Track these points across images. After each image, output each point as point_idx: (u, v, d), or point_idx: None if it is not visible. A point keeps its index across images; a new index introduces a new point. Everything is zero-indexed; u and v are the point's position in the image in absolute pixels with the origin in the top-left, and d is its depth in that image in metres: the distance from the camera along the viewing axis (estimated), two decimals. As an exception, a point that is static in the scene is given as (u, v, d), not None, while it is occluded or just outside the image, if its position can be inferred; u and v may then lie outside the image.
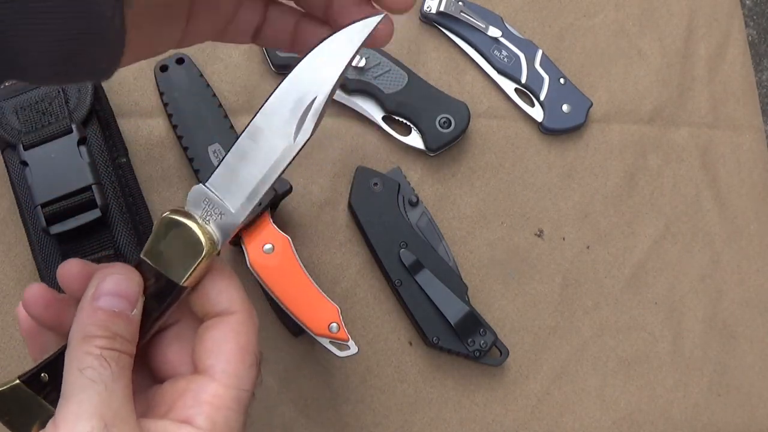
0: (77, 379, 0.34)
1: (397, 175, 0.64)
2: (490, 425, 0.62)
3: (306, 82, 0.36)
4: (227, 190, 0.37)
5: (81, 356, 0.34)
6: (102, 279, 0.36)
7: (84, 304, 0.36)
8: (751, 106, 0.72)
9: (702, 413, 0.65)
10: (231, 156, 0.37)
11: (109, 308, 0.35)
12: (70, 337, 0.36)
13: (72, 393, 0.34)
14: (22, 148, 0.56)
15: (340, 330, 0.57)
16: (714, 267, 0.68)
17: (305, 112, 0.36)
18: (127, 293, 0.36)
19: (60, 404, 0.34)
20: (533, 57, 0.68)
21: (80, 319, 0.36)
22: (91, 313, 0.35)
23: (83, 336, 0.35)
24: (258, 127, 0.36)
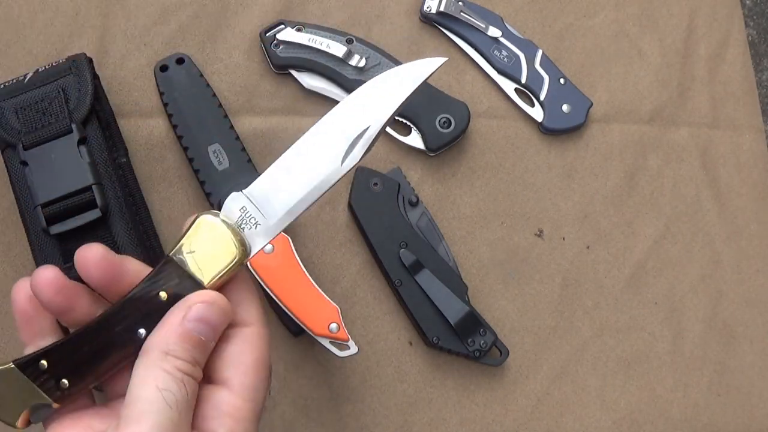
0: (155, 398, 0.33)
1: (397, 175, 0.64)
2: (490, 425, 0.62)
3: (363, 108, 0.36)
4: (267, 202, 0.37)
5: (162, 374, 0.34)
6: (197, 302, 0.35)
7: (174, 319, 0.35)
8: (751, 106, 0.72)
9: (702, 413, 0.65)
10: (275, 168, 0.37)
11: (197, 334, 0.35)
12: (148, 346, 0.35)
13: (148, 412, 0.33)
14: (22, 148, 0.56)
15: (340, 330, 0.57)
16: (714, 267, 0.68)
17: (357, 139, 0.36)
18: (216, 324, 0.36)
19: (129, 417, 0.33)
20: (533, 57, 0.68)
21: (165, 334, 0.35)
22: (180, 331, 0.35)
23: (165, 351, 0.35)
24: (307, 146, 0.36)
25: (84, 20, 0.64)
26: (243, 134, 0.63)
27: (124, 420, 0.33)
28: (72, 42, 0.64)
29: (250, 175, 0.60)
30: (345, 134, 0.36)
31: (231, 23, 0.66)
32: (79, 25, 0.64)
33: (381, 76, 0.36)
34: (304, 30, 0.65)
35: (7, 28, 0.63)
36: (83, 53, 0.60)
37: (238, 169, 0.61)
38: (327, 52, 0.64)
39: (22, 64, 0.63)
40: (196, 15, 0.66)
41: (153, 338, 0.35)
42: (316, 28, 0.65)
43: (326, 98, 0.65)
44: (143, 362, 0.35)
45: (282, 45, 0.64)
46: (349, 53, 0.64)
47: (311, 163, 0.36)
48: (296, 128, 0.65)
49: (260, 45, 0.65)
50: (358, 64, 0.64)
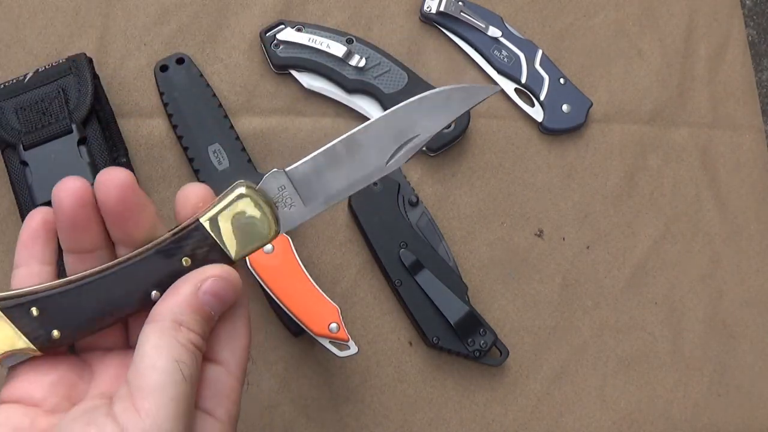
0: (173, 369, 0.32)
1: (397, 175, 0.64)
2: (490, 425, 0.62)
3: (416, 117, 0.37)
4: (307, 186, 0.37)
5: (176, 345, 0.33)
6: (213, 275, 0.35)
7: (186, 289, 0.35)
8: (751, 106, 0.72)
9: (702, 413, 0.65)
10: (322, 156, 0.37)
11: (209, 308, 0.35)
12: (160, 313, 0.34)
13: (167, 383, 0.32)
14: (22, 148, 0.56)
15: (340, 330, 0.57)
16: (714, 267, 0.68)
17: (406, 143, 0.37)
18: (227, 301, 0.36)
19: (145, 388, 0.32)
20: (533, 57, 0.68)
21: (178, 303, 0.34)
22: (194, 303, 0.34)
23: (179, 322, 0.34)
24: (357, 139, 0.37)
25: (84, 20, 0.64)
26: (243, 134, 0.63)
27: (139, 390, 0.32)
28: (72, 42, 0.64)
29: (251, 175, 0.60)
30: (395, 137, 0.37)
31: (231, 23, 0.66)
32: (79, 25, 0.64)
33: (438, 91, 0.38)
34: (304, 30, 0.65)
35: (7, 28, 0.63)
36: (83, 53, 0.60)
37: (238, 169, 0.61)
38: (327, 52, 0.64)
39: (22, 64, 0.63)
40: (196, 15, 0.66)
41: (164, 305, 0.34)
42: (316, 28, 0.65)
43: (326, 98, 0.65)
44: (156, 330, 0.34)
45: (282, 45, 0.64)
46: (349, 53, 0.64)
47: (358, 156, 0.37)
48: (296, 128, 0.65)
49: (260, 45, 0.65)
50: (358, 64, 0.64)
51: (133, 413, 0.31)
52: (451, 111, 0.38)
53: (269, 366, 0.60)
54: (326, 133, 0.65)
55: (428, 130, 0.38)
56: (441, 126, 0.38)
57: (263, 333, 0.61)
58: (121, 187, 0.35)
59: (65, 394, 0.35)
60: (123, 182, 0.35)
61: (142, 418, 0.31)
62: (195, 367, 0.34)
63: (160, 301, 0.35)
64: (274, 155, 0.64)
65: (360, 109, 0.65)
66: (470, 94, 0.38)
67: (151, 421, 0.31)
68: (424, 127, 0.38)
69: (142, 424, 0.31)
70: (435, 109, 0.38)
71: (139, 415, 0.31)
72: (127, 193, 0.35)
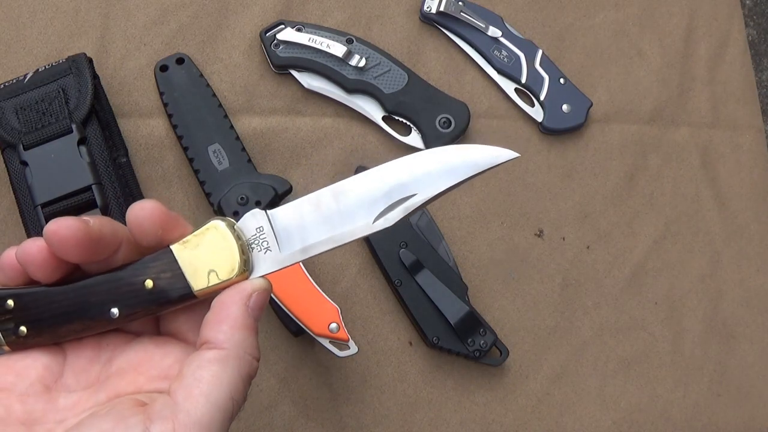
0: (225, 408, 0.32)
1: (397, 175, 0.64)
2: (490, 425, 0.62)
3: (415, 175, 0.34)
4: (286, 232, 0.35)
5: (237, 380, 0.32)
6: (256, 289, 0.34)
7: (238, 309, 0.33)
8: (751, 106, 0.72)
9: (702, 413, 0.65)
10: (307, 201, 0.35)
11: (257, 326, 0.34)
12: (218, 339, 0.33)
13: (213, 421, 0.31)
14: (22, 148, 0.56)
15: (340, 330, 0.57)
16: (714, 267, 0.68)
17: (399, 202, 0.34)
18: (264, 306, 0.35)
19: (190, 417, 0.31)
20: (533, 57, 0.68)
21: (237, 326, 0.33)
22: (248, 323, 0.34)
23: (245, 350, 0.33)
24: (346, 190, 0.34)
25: (84, 20, 0.64)
26: (243, 134, 0.63)
27: (186, 415, 0.31)
28: (72, 42, 0.64)
29: (250, 175, 0.60)
30: (387, 194, 0.34)
31: (231, 23, 0.66)
32: (79, 25, 0.64)
33: (450, 150, 0.34)
34: (304, 30, 0.65)
35: (7, 28, 0.63)
36: (83, 53, 0.60)
37: (238, 169, 0.61)
38: (327, 52, 0.64)
39: (22, 64, 0.63)
40: (196, 15, 0.66)
41: (222, 333, 0.33)
42: (316, 28, 0.65)
43: (326, 98, 0.65)
44: (218, 359, 0.32)
45: (282, 45, 0.64)
46: (349, 53, 0.64)
47: (344, 209, 0.34)
48: (296, 128, 0.65)
49: (260, 45, 0.65)
50: (358, 64, 0.64)
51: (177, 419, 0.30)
52: (457, 174, 0.34)
53: (269, 366, 0.60)
54: (326, 133, 0.65)
55: (427, 192, 0.34)
56: (442, 189, 0.33)
57: (263, 333, 0.61)
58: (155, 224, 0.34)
59: (38, 375, 0.34)
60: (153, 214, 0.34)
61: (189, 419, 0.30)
62: (242, 404, 0.33)
63: (214, 326, 0.33)
64: (274, 155, 0.64)
65: (360, 109, 0.65)
66: (482, 158, 0.33)
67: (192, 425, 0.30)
68: (424, 188, 0.34)
69: None
70: (439, 168, 0.34)
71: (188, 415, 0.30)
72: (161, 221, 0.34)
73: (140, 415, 0.31)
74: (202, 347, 0.33)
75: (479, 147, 0.33)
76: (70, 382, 0.35)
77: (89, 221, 0.33)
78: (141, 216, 0.34)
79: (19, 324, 0.34)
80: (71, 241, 0.32)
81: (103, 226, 0.33)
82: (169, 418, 0.30)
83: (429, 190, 0.33)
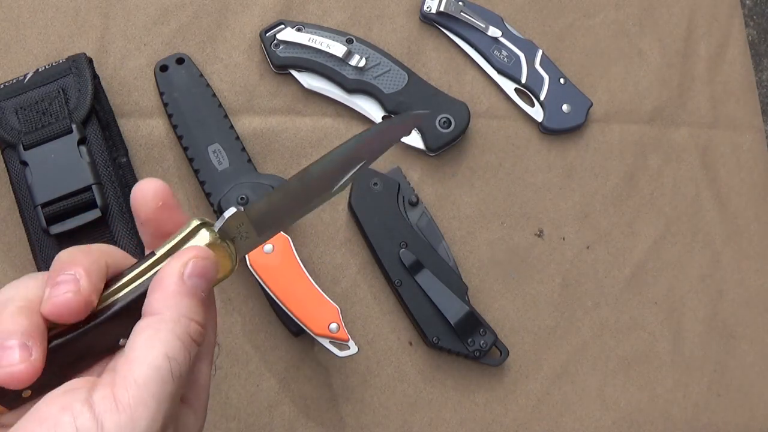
0: (161, 366, 0.31)
1: (397, 175, 0.64)
2: (490, 425, 0.62)
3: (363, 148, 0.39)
4: (262, 220, 0.38)
5: (173, 340, 0.32)
6: (192, 256, 0.34)
7: (172, 278, 0.34)
8: (751, 106, 0.72)
9: (702, 413, 0.65)
10: (279, 192, 0.39)
11: (200, 290, 0.34)
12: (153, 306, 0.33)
13: (153, 380, 0.31)
14: (22, 148, 0.56)
15: (340, 330, 0.57)
16: (714, 267, 0.68)
17: (349, 170, 0.39)
18: (211, 280, 0.35)
19: (130, 379, 0.31)
20: (533, 57, 0.68)
21: (171, 293, 0.33)
22: (184, 290, 0.34)
23: (180, 314, 0.33)
24: (310, 172, 0.39)
25: (84, 20, 0.64)
26: (243, 134, 0.63)
27: (122, 380, 0.31)
28: (72, 42, 0.64)
29: (250, 175, 0.60)
30: (344, 165, 0.39)
31: (231, 23, 0.66)
32: (79, 25, 0.64)
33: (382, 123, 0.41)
34: (304, 30, 0.65)
35: (7, 28, 0.63)
36: (83, 53, 0.60)
37: (238, 169, 0.61)
38: (327, 52, 0.64)
39: (22, 64, 0.63)
40: (196, 15, 0.66)
41: (155, 299, 0.33)
42: (316, 28, 0.65)
43: (326, 98, 0.65)
44: (153, 323, 0.33)
45: (282, 45, 0.64)
46: (349, 53, 0.64)
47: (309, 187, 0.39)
48: (296, 128, 0.65)
49: (260, 45, 0.65)
50: (358, 64, 0.64)
51: (111, 404, 0.30)
52: (389, 138, 0.40)
53: (269, 366, 0.60)
54: (326, 133, 0.65)
55: (369, 158, 0.39)
56: (380, 154, 0.40)
57: (263, 333, 0.61)
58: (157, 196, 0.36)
59: None
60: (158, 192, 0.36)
61: (119, 412, 0.30)
62: (186, 366, 0.33)
63: (148, 296, 0.34)
64: (274, 155, 0.64)
65: (360, 109, 0.65)
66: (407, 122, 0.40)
67: (127, 416, 0.30)
68: (366, 155, 0.39)
69: (117, 418, 0.30)
70: (379, 136, 0.39)
71: (116, 407, 0.30)
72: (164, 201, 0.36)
73: (86, 384, 0.32)
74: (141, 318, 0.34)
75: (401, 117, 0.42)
76: None
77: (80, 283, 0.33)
78: (146, 188, 0.36)
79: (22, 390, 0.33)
80: (74, 314, 0.33)
81: (92, 276, 0.33)
82: (109, 383, 0.31)
83: (369, 158, 0.39)
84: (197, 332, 0.34)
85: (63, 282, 0.33)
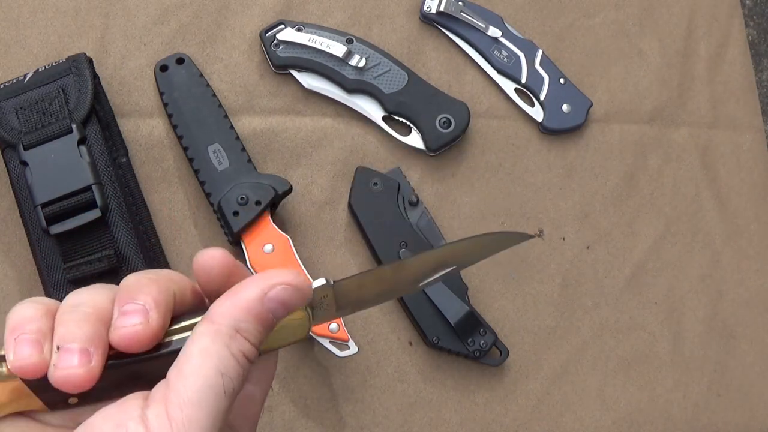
0: (216, 384, 0.30)
1: (397, 175, 0.64)
2: (490, 425, 0.62)
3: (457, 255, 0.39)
4: (345, 298, 0.37)
5: (227, 356, 0.31)
6: (282, 283, 0.33)
7: (251, 294, 0.32)
8: (751, 106, 0.72)
9: (702, 413, 0.65)
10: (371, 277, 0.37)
11: (273, 317, 0.33)
12: (216, 315, 0.32)
13: (203, 398, 0.30)
14: (22, 148, 0.56)
15: (340, 330, 0.57)
16: (714, 267, 0.68)
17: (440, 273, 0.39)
18: (293, 310, 0.34)
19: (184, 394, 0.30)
20: (533, 57, 0.68)
21: (241, 306, 0.32)
22: (258, 310, 0.32)
23: (237, 329, 0.32)
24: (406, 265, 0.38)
25: (84, 20, 0.64)
26: (243, 134, 0.63)
27: (176, 395, 0.30)
28: (72, 42, 0.64)
29: (250, 175, 0.60)
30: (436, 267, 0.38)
31: (231, 23, 0.66)
32: (79, 25, 0.64)
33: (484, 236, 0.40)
34: (304, 30, 0.65)
35: (7, 28, 0.63)
36: (83, 53, 0.60)
37: (238, 169, 0.61)
38: (327, 52, 0.64)
39: (22, 64, 0.63)
40: (196, 15, 0.66)
41: (223, 306, 0.32)
42: (316, 28, 0.65)
43: (326, 98, 0.65)
44: (209, 332, 0.32)
45: (282, 45, 0.64)
46: (349, 53, 0.64)
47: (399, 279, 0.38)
48: (296, 128, 0.65)
49: (260, 45, 0.65)
50: (358, 64, 0.64)
51: (165, 422, 0.29)
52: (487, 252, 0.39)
53: (269, 366, 0.60)
54: (326, 133, 0.65)
55: (462, 265, 0.39)
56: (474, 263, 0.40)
57: (263, 333, 0.61)
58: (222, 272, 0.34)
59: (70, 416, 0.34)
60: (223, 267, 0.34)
61: (173, 429, 0.29)
62: (239, 383, 0.32)
63: (219, 300, 0.33)
64: (274, 155, 0.64)
65: (360, 109, 0.65)
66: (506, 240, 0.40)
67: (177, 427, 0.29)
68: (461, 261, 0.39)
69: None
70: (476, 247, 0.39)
71: (170, 426, 0.29)
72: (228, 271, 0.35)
73: (140, 399, 0.31)
74: (201, 319, 0.33)
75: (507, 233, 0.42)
76: None
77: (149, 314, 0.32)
78: (210, 264, 0.34)
79: (69, 395, 0.33)
80: (141, 344, 0.32)
81: (160, 307, 0.33)
82: (162, 399, 0.30)
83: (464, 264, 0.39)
84: (251, 353, 0.33)
85: (132, 312, 0.32)
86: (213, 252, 0.34)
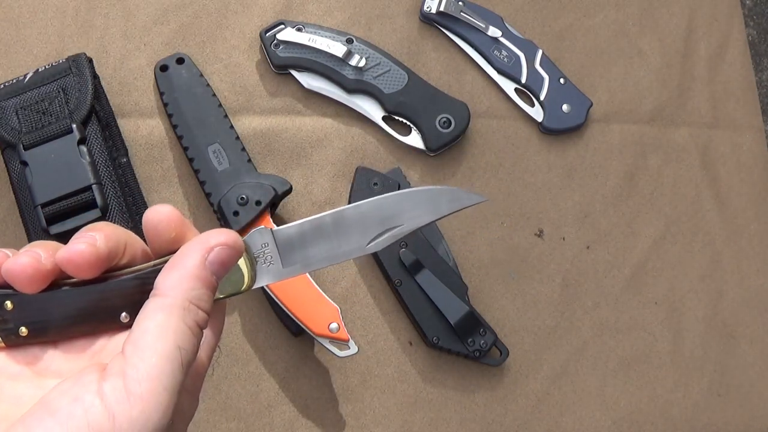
0: (173, 357, 0.31)
1: (397, 175, 0.64)
2: (490, 425, 0.62)
3: (405, 209, 0.39)
4: (289, 249, 0.38)
5: (183, 329, 0.32)
6: (219, 244, 0.34)
7: (193, 260, 0.33)
8: (751, 106, 0.72)
9: (702, 413, 0.65)
10: (309, 224, 0.38)
11: (216, 278, 0.34)
12: (166, 289, 0.33)
13: (162, 372, 0.30)
14: (22, 148, 0.56)
15: (340, 330, 0.57)
16: (714, 267, 0.68)
17: (387, 230, 0.39)
18: (230, 268, 0.35)
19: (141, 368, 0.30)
20: (533, 57, 0.68)
21: (189, 276, 0.33)
22: (203, 275, 0.33)
23: (189, 299, 0.33)
24: (346, 217, 0.39)
25: (84, 20, 0.64)
26: (243, 134, 0.63)
27: (134, 370, 0.30)
28: (72, 42, 0.64)
29: (250, 175, 0.60)
30: (380, 222, 0.39)
31: (231, 23, 0.66)
32: (79, 25, 0.64)
33: (429, 189, 0.39)
34: (304, 30, 0.65)
35: (7, 28, 0.63)
36: (83, 53, 0.60)
37: (238, 169, 0.61)
38: (327, 52, 0.64)
39: (22, 64, 0.63)
40: (196, 15, 0.66)
41: (170, 278, 0.33)
42: (316, 28, 0.65)
43: (326, 98, 0.65)
44: (164, 307, 0.32)
45: (282, 45, 0.64)
46: (349, 53, 0.64)
47: (342, 234, 0.39)
48: (296, 128, 0.65)
49: (260, 45, 0.65)
50: (358, 64, 0.64)
51: (122, 396, 0.30)
52: (438, 211, 0.39)
53: (269, 366, 0.60)
54: (326, 133, 0.65)
55: (412, 223, 0.39)
56: (425, 222, 0.39)
57: (263, 333, 0.61)
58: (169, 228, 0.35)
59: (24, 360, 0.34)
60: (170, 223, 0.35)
61: (131, 404, 0.30)
62: (194, 353, 0.32)
63: (164, 272, 0.33)
64: (274, 155, 0.64)
65: (360, 109, 0.65)
66: (458, 199, 0.39)
67: (140, 410, 0.30)
68: (409, 219, 0.39)
69: (129, 411, 0.29)
70: (423, 205, 0.39)
71: (129, 400, 0.30)
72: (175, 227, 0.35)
73: (96, 373, 0.31)
74: (152, 294, 0.33)
75: (455, 190, 0.39)
76: (61, 368, 0.35)
77: (97, 241, 0.34)
78: (157, 219, 0.35)
79: (19, 325, 0.35)
80: (84, 266, 0.33)
81: (109, 241, 0.34)
82: (120, 373, 0.30)
83: (414, 222, 0.39)
84: (204, 320, 0.33)
85: (81, 238, 0.33)
86: (160, 207, 0.35)
